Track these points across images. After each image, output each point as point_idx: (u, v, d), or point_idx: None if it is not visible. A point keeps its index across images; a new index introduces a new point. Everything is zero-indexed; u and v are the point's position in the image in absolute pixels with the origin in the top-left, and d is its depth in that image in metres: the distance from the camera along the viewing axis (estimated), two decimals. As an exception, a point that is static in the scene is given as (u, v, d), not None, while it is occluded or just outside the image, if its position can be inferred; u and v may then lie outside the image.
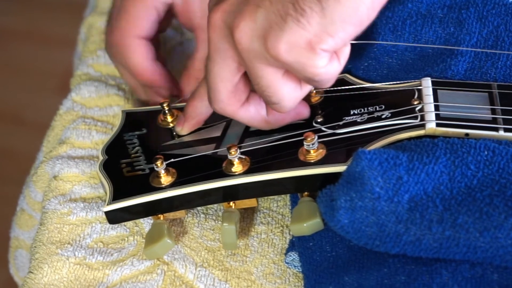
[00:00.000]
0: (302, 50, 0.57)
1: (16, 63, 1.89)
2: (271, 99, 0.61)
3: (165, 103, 0.71)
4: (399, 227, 0.58)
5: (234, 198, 0.67)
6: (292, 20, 0.56)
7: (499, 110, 0.64)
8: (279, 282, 0.67)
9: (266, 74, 0.59)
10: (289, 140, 0.66)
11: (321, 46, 0.57)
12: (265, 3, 0.57)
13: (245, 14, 0.58)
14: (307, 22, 0.56)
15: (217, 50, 0.61)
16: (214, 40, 0.60)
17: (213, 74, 0.62)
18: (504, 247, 0.57)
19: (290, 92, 0.61)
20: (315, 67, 0.58)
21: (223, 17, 0.59)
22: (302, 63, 0.57)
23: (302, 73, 0.58)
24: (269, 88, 0.60)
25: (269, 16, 0.57)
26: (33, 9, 1.97)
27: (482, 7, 0.70)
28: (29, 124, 1.77)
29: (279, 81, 0.60)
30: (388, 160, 0.59)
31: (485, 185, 0.59)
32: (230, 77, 0.62)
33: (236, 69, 0.61)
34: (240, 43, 0.58)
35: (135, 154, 0.69)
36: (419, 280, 0.59)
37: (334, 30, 0.56)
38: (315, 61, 0.57)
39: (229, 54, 0.60)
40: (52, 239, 0.70)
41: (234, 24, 0.58)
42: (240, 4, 0.58)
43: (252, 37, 0.58)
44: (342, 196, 0.59)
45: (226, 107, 0.63)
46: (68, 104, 0.80)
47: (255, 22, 0.57)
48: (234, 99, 0.63)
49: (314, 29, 0.56)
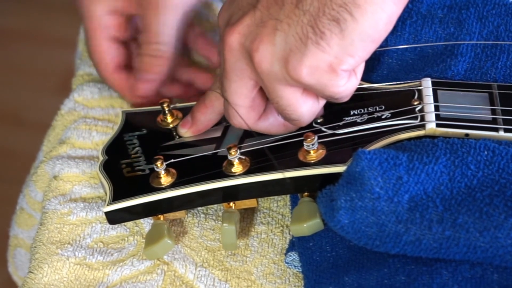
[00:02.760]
0: (323, 73, 0.57)
1: (16, 63, 1.89)
2: (290, 116, 0.62)
3: (165, 103, 0.71)
4: (399, 227, 0.58)
5: (234, 199, 0.67)
6: (313, 44, 0.57)
7: (499, 111, 0.64)
8: (279, 282, 0.67)
9: (286, 94, 0.60)
10: (289, 141, 0.66)
11: (342, 67, 0.57)
12: (283, 26, 0.57)
13: (263, 37, 0.58)
14: (327, 45, 0.56)
15: (233, 70, 0.61)
16: (230, 60, 0.61)
17: (230, 91, 0.62)
18: (504, 247, 0.57)
19: (309, 109, 0.62)
20: (336, 86, 0.58)
21: (240, 40, 0.59)
22: (323, 84, 0.58)
23: (322, 93, 0.59)
24: (289, 106, 0.61)
25: (289, 39, 0.57)
26: (33, 9, 1.97)
27: (482, 7, 0.70)
28: (29, 124, 1.77)
29: (299, 100, 0.61)
30: (388, 160, 0.59)
31: (485, 185, 0.59)
32: (247, 94, 0.62)
33: (252, 86, 0.62)
34: (260, 66, 0.59)
35: (135, 154, 0.69)
36: (419, 280, 0.59)
37: (354, 50, 0.57)
38: (336, 81, 0.58)
39: (246, 73, 0.61)
40: (52, 239, 0.70)
41: (253, 47, 0.58)
42: (257, 26, 0.59)
43: (272, 60, 0.58)
44: (342, 196, 0.59)
45: (244, 122, 0.64)
46: (70, 104, 0.80)
47: (274, 45, 0.58)
48: (253, 112, 0.64)
49: (334, 51, 0.57)
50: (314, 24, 0.56)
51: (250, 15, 0.59)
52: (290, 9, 0.57)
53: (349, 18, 0.56)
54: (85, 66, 0.84)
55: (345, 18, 0.56)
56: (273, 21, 0.58)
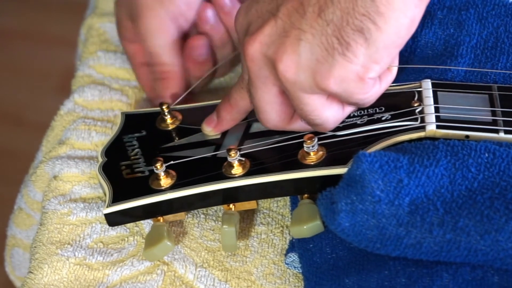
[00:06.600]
0: (351, 82, 0.58)
1: (16, 63, 1.90)
2: (315, 121, 0.62)
3: (164, 105, 0.71)
4: (400, 230, 0.58)
5: (234, 200, 0.66)
6: (339, 55, 0.57)
7: (499, 112, 0.64)
8: (279, 283, 0.67)
9: (311, 101, 0.60)
10: (289, 142, 0.66)
11: (368, 75, 0.58)
12: (307, 36, 0.57)
13: (287, 47, 0.58)
14: (354, 56, 0.56)
15: (258, 78, 0.61)
16: (254, 68, 0.61)
17: (257, 98, 0.62)
18: (505, 250, 0.57)
19: (333, 114, 0.62)
20: (362, 94, 0.59)
21: (261, 49, 0.59)
22: (350, 92, 0.58)
23: (348, 100, 0.60)
24: (313, 112, 0.61)
25: (314, 49, 0.57)
26: (33, 9, 1.97)
27: (482, 8, 0.70)
28: (29, 124, 1.77)
29: (323, 106, 0.61)
30: (388, 163, 0.59)
31: (486, 187, 0.59)
32: (274, 99, 0.62)
33: (278, 92, 0.62)
34: (285, 76, 0.59)
35: (135, 156, 0.69)
36: (420, 283, 0.59)
37: (380, 57, 0.57)
38: (363, 89, 0.58)
39: (270, 80, 0.61)
40: (52, 239, 0.70)
41: (276, 57, 0.58)
42: (279, 36, 0.58)
43: (297, 71, 0.58)
44: (342, 199, 0.59)
45: (278, 124, 0.64)
46: (69, 105, 0.80)
47: (299, 56, 0.58)
48: (284, 115, 0.63)
49: (360, 61, 0.57)
50: (339, 35, 0.56)
51: (271, 24, 0.59)
52: (312, 18, 0.57)
53: (372, 27, 0.56)
54: (84, 67, 0.84)
55: (369, 27, 0.56)
56: (296, 31, 0.58)
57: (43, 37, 1.93)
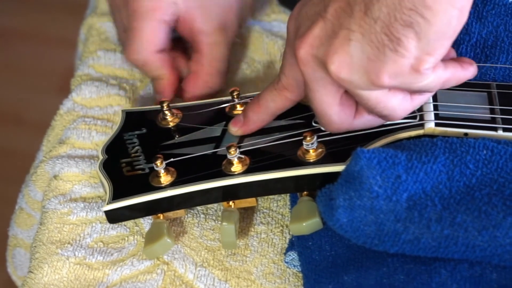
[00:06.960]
0: (406, 75, 0.57)
1: (16, 63, 1.90)
2: (382, 113, 0.61)
3: (164, 102, 0.71)
4: (398, 226, 0.58)
5: (234, 198, 0.67)
6: (391, 51, 0.56)
7: (498, 110, 0.65)
8: (278, 282, 0.67)
9: (372, 96, 0.59)
10: (289, 140, 0.66)
11: (423, 66, 0.57)
12: (356, 36, 0.57)
13: (337, 48, 0.58)
14: (405, 50, 0.56)
15: (313, 80, 0.60)
16: (308, 71, 0.60)
17: (317, 101, 0.62)
18: (503, 246, 0.57)
19: (399, 103, 0.61)
20: (421, 83, 0.58)
21: (312, 52, 0.59)
22: (408, 83, 0.58)
23: (409, 90, 0.59)
24: (379, 104, 0.60)
25: (364, 48, 0.57)
26: (33, 9, 1.97)
27: (482, 7, 0.70)
28: (29, 124, 1.77)
29: (387, 97, 0.60)
30: (386, 159, 0.59)
31: (484, 184, 0.59)
32: (334, 100, 0.61)
33: (336, 91, 0.61)
34: (338, 77, 0.58)
35: (135, 153, 0.69)
36: (418, 279, 0.59)
37: (433, 49, 0.56)
38: (421, 79, 0.58)
39: (327, 80, 0.60)
40: (52, 239, 0.70)
41: (327, 59, 0.58)
42: (328, 37, 0.58)
43: (350, 71, 0.58)
44: (341, 195, 0.59)
45: (341, 126, 0.63)
46: (68, 104, 0.80)
47: (350, 56, 0.57)
48: (345, 115, 0.63)
49: (413, 54, 0.56)
50: (388, 31, 0.56)
51: (319, 25, 0.59)
52: (360, 17, 0.57)
53: (421, 21, 0.55)
54: (84, 66, 0.84)
55: (418, 21, 0.55)
56: (345, 31, 0.57)
57: (43, 37, 1.93)
